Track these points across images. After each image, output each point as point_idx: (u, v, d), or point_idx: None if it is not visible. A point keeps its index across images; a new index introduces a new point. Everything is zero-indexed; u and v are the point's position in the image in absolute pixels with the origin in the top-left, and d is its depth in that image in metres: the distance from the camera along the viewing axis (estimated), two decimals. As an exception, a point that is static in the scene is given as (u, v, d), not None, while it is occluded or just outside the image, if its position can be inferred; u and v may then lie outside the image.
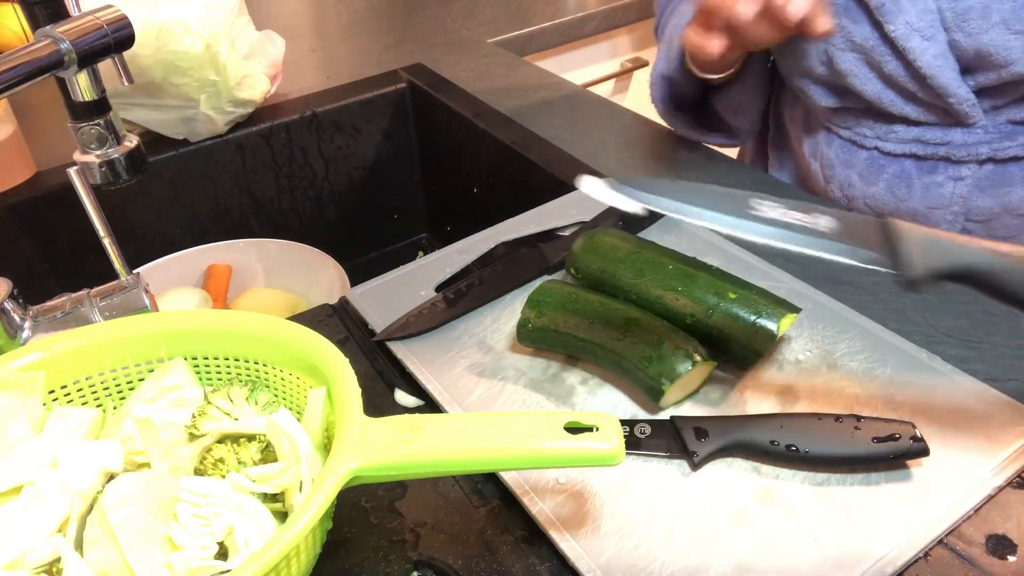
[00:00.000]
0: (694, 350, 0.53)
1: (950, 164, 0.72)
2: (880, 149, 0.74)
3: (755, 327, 0.54)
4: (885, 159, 0.74)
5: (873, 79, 0.71)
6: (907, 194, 0.74)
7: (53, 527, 0.42)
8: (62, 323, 0.58)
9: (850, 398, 0.53)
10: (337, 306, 0.69)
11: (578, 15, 1.28)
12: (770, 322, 0.53)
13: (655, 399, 0.53)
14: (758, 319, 0.54)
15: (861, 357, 0.56)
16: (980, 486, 0.47)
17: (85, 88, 0.55)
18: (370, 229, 1.16)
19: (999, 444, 0.49)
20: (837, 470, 0.49)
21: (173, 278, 0.93)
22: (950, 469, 0.48)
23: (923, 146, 0.72)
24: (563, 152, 0.89)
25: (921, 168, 0.73)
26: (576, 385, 0.57)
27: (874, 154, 0.75)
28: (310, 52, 1.23)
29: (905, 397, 0.53)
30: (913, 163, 0.73)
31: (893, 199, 0.75)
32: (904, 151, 0.73)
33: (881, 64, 0.69)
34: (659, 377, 0.52)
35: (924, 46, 0.66)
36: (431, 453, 0.40)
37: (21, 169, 0.91)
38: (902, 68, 0.68)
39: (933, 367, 0.55)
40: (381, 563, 0.47)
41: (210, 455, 0.45)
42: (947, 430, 0.50)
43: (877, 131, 0.74)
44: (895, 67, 0.69)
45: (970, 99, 0.68)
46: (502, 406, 0.56)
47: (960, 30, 0.65)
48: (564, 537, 0.46)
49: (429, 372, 0.59)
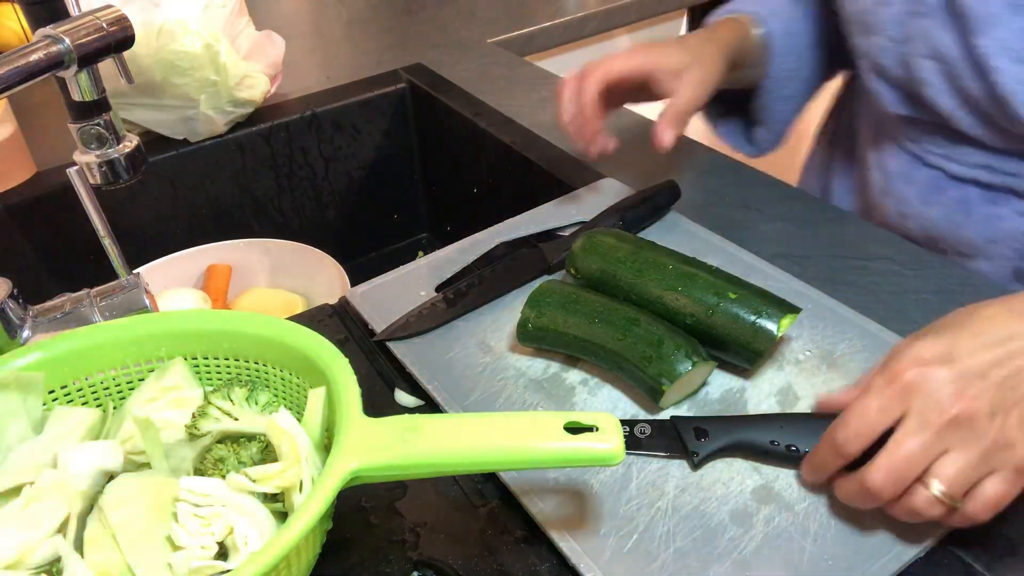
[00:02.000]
0: (694, 350, 0.53)
1: (1017, 198, 0.67)
2: (945, 170, 0.70)
3: (755, 327, 0.54)
4: (948, 182, 0.70)
5: (949, 93, 0.65)
6: (965, 222, 0.70)
7: (53, 527, 0.42)
8: (62, 323, 0.58)
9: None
10: (337, 306, 0.69)
11: (578, 15, 1.28)
12: (770, 322, 0.53)
13: (655, 399, 0.53)
14: (758, 319, 0.54)
15: (861, 357, 0.56)
16: None
17: (85, 88, 0.55)
18: (370, 229, 1.16)
19: None
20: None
21: (173, 278, 0.93)
22: None
23: (991, 173, 0.67)
24: (563, 152, 0.89)
25: (985, 197, 0.68)
26: (576, 385, 0.57)
27: (938, 174, 0.70)
28: (310, 52, 1.23)
29: None
30: (977, 191, 0.69)
31: (949, 225, 0.71)
32: (969, 176, 0.68)
33: (960, 79, 0.63)
34: (659, 377, 0.52)
35: (1012, 69, 0.60)
36: (431, 453, 0.40)
37: (21, 169, 0.91)
38: (982, 87, 0.62)
39: None
40: (381, 563, 0.47)
41: (210, 455, 0.45)
42: None
43: (945, 150, 0.69)
44: (974, 85, 0.63)
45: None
46: (502, 406, 0.56)
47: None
48: (564, 537, 0.46)
49: (429, 372, 0.59)
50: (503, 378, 0.58)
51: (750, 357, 0.54)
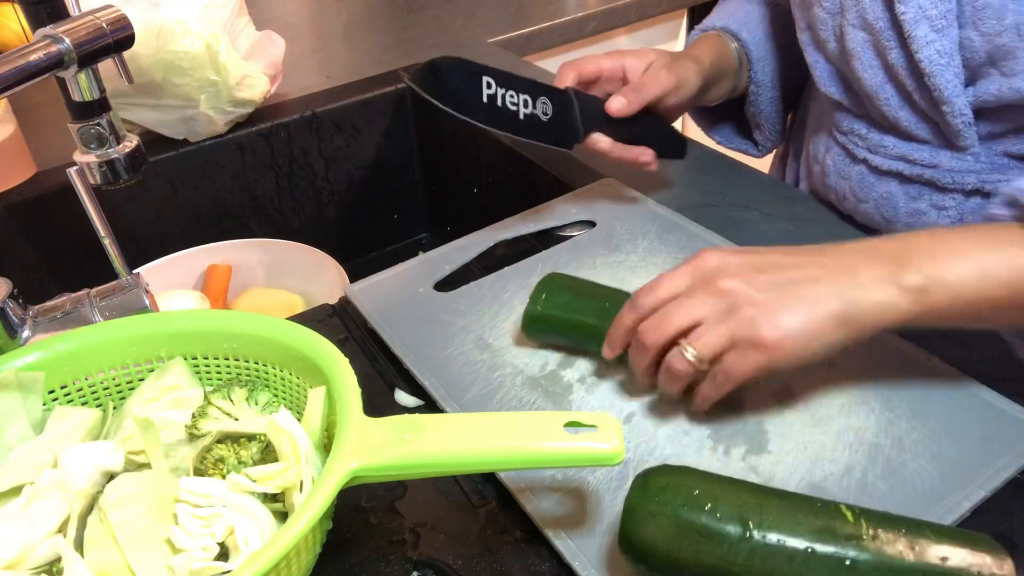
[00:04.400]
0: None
1: (935, 191, 0.67)
2: (869, 163, 0.70)
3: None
4: (874, 177, 0.71)
5: (876, 67, 0.65)
6: (894, 216, 0.70)
7: (53, 527, 0.42)
8: (62, 323, 0.58)
9: (847, 398, 0.54)
10: (337, 306, 0.69)
11: (578, 15, 1.28)
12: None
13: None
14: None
15: (860, 356, 0.56)
16: (977, 488, 0.47)
17: (85, 88, 0.55)
18: (370, 229, 1.16)
19: (996, 445, 0.49)
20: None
21: (173, 278, 0.93)
22: (947, 470, 0.48)
23: (909, 166, 0.67)
24: (563, 152, 0.88)
25: (907, 192, 0.69)
26: (573, 383, 0.57)
27: (863, 169, 0.71)
28: (310, 52, 1.23)
29: (903, 398, 0.53)
30: (899, 186, 0.69)
31: (882, 220, 0.72)
32: (891, 168, 0.68)
33: (886, 51, 0.63)
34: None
35: (931, 38, 0.60)
36: (431, 453, 0.40)
37: (21, 169, 0.91)
38: (904, 59, 0.63)
39: (931, 367, 0.55)
40: (381, 563, 0.47)
41: (210, 455, 0.45)
42: (944, 431, 0.51)
43: (868, 142, 0.70)
44: (898, 56, 0.63)
45: (966, 114, 0.62)
46: (499, 402, 0.56)
47: (975, 27, 0.58)
48: (560, 536, 0.46)
49: (427, 368, 0.59)
50: (500, 375, 0.58)
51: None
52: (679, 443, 0.52)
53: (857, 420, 0.52)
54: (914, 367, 0.55)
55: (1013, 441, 0.49)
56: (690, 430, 0.53)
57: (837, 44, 0.68)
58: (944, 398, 0.53)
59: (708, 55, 0.77)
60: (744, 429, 0.52)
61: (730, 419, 0.53)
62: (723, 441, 0.52)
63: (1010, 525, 0.46)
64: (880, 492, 0.47)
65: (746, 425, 0.52)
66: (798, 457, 0.50)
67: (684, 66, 0.73)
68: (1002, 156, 0.64)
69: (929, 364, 0.55)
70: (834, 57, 0.70)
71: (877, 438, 0.51)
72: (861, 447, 0.50)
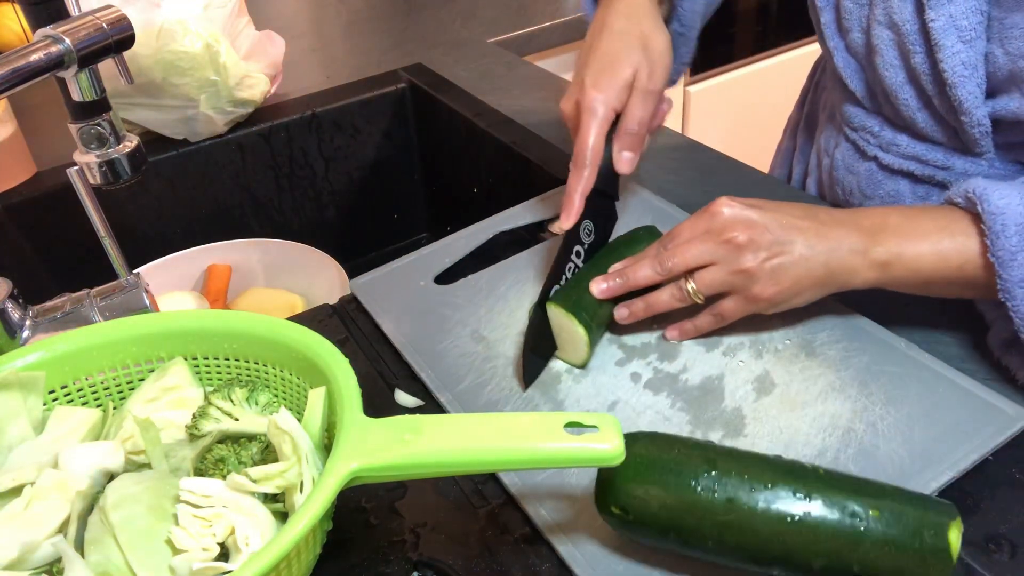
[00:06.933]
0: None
1: (945, 192, 0.64)
2: (879, 161, 0.70)
3: (922, 554, 0.40)
4: (883, 174, 0.70)
5: (898, 67, 0.64)
6: None
7: (54, 527, 0.42)
8: (62, 323, 0.58)
9: (825, 384, 0.54)
10: (337, 306, 0.69)
11: (578, 15, 1.28)
12: (939, 539, 0.40)
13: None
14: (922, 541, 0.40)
15: (840, 347, 0.57)
16: (946, 469, 0.48)
17: (85, 88, 0.55)
18: (370, 229, 1.16)
19: (967, 429, 0.50)
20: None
21: (173, 278, 0.93)
22: (917, 453, 0.49)
23: (921, 166, 0.67)
24: (563, 152, 0.89)
25: (915, 192, 0.68)
26: (562, 373, 0.58)
27: (873, 166, 0.71)
28: (310, 52, 1.23)
29: (880, 384, 0.54)
30: (908, 184, 0.69)
31: None
32: (902, 168, 0.68)
33: (910, 54, 0.62)
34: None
35: (959, 48, 0.59)
36: (431, 453, 0.40)
37: (21, 169, 0.91)
38: (928, 65, 0.62)
39: (910, 355, 0.56)
40: (381, 564, 0.47)
41: (210, 455, 0.45)
42: (918, 416, 0.51)
43: (881, 140, 0.69)
44: (922, 61, 0.62)
45: (984, 124, 0.61)
46: (490, 393, 0.57)
47: (1000, 44, 0.58)
48: (560, 537, 0.46)
49: (425, 361, 0.60)
50: (493, 366, 0.59)
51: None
52: (659, 428, 0.53)
53: (834, 406, 0.53)
54: (893, 355, 0.56)
55: (982, 425, 0.50)
56: (671, 416, 0.54)
57: (862, 36, 0.67)
58: (920, 385, 0.53)
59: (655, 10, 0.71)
60: (722, 415, 0.53)
61: (710, 404, 0.54)
62: (702, 426, 0.53)
63: (1010, 525, 0.46)
64: (850, 473, 0.47)
65: (724, 411, 0.54)
66: (773, 440, 0.51)
67: (655, 40, 0.68)
68: (1015, 163, 0.64)
69: (908, 352, 0.56)
70: (855, 48, 0.69)
71: (852, 423, 0.51)
72: (835, 431, 0.51)
